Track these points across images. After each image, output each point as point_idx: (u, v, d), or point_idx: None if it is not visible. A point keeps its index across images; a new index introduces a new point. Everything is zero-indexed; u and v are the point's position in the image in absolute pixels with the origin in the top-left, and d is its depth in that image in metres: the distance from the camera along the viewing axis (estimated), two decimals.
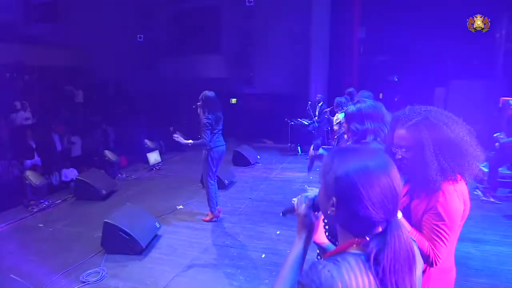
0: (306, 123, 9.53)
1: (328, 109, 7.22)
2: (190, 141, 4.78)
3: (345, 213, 0.97)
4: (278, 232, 4.78)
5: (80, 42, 12.06)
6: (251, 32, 12.52)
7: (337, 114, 5.53)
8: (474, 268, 3.71)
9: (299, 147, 9.73)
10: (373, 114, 2.18)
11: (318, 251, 2.61)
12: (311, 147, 2.63)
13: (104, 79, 12.98)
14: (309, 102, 9.70)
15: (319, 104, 9.35)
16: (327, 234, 1.55)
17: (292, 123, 9.89)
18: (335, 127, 5.33)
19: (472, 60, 9.96)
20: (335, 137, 4.29)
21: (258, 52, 12.47)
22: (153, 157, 8.56)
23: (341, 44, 11.10)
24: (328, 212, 1.00)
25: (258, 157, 8.91)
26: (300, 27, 11.19)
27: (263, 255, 4.20)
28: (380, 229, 0.96)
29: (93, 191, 6.13)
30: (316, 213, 1.18)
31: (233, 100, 12.96)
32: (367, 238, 0.95)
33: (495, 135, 5.90)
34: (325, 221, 1.59)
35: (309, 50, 11.31)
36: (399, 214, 1.44)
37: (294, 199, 1.24)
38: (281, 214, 1.31)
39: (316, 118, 9.24)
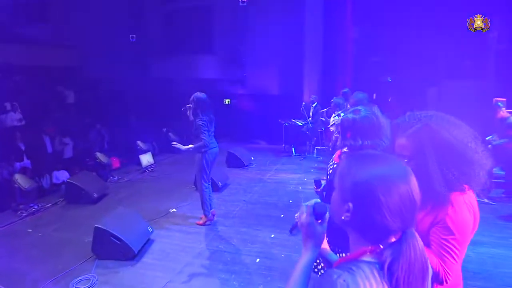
0: (300, 124, 9.49)
1: (325, 109, 7.16)
2: (191, 146, 4.71)
3: (360, 220, 0.95)
4: (272, 236, 4.73)
5: (71, 42, 11.91)
6: (244, 32, 12.45)
7: (334, 114, 5.47)
8: (471, 271, 3.68)
9: (293, 148, 9.68)
10: (368, 130, 2.05)
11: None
12: (313, 184, 2.56)
13: (95, 79, 12.81)
14: (303, 103, 9.67)
15: (313, 105, 9.32)
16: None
17: (286, 124, 9.84)
18: (332, 128, 5.25)
19: (464, 60, 9.98)
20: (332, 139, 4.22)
21: (251, 53, 12.40)
22: (146, 159, 8.46)
23: (334, 45, 11.08)
24: (342, 217, 0.99)
25: (252, 158, 8.85)
26: (293, 28, 11.14)
27: (258, 260, 4.14)
28: (394, 239, 0.94)
29: (84, 195, 6.02)
30: (319, 221, 1.14)
31: (227, 101, 12.89)
32: (381, 246, 0.93)
33: (487, 138, 5.91)
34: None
35: (302, 50, 11.28)
36: None
37: (296, 214, 1.20)
38: (288, 233, 1.26)
39: (310, 119, 9.20)
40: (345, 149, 2.26)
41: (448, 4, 9.02)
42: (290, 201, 6.04)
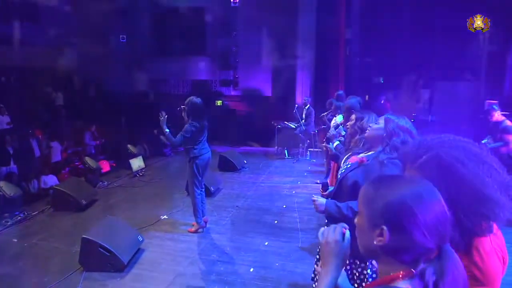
0: (293, 126, 9.39)
1: (326, 113, 6.99)
2: (167, 131, 4.57)
3: (397, 242, 0.91)
4: (266, 243, 4.62)
5: (60, 43, 11.66)
6: (236, 33, 12.35)
7: (334, 118, 5.36)
8: None
9: (286, 151, 9.59)
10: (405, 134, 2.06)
11: (315, 266, 2.47)
12: (321, 187, 2.50)
13: (85, 81, 12.59)
14: (296, 105, 9.58)
15: (306, 107, 9.23)
16: None
17: (279, 126, 9.74)
18: (333, 131, 5.10)
19: (457, 61, 9.98)
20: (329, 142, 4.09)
21: (243, 54, 12.31)
22: (136, 163, 8.27)
23: (327, 46, 11.02)
24: (375, 243, 0.93)
25: (245, 161, 8.72)
26: (286, 29, 11.06)
27: (252, 269, 4.02)
28: (422, 263, 0.91)
29: (72, 202, 5.81)
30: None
31: (218, 102, 12.76)
32: (413, 271, 0.90)
33: (483, 141, 5.86)
34: None
35: (295, 51, 11.20)
36: None
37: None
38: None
39: (303, 121, 9.10)
40: (362, 155, 2.20)
41: (441, 6, 9.02)
42: (284, 206, 5.95)
